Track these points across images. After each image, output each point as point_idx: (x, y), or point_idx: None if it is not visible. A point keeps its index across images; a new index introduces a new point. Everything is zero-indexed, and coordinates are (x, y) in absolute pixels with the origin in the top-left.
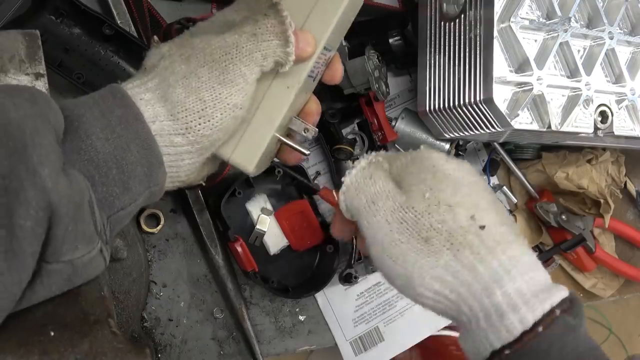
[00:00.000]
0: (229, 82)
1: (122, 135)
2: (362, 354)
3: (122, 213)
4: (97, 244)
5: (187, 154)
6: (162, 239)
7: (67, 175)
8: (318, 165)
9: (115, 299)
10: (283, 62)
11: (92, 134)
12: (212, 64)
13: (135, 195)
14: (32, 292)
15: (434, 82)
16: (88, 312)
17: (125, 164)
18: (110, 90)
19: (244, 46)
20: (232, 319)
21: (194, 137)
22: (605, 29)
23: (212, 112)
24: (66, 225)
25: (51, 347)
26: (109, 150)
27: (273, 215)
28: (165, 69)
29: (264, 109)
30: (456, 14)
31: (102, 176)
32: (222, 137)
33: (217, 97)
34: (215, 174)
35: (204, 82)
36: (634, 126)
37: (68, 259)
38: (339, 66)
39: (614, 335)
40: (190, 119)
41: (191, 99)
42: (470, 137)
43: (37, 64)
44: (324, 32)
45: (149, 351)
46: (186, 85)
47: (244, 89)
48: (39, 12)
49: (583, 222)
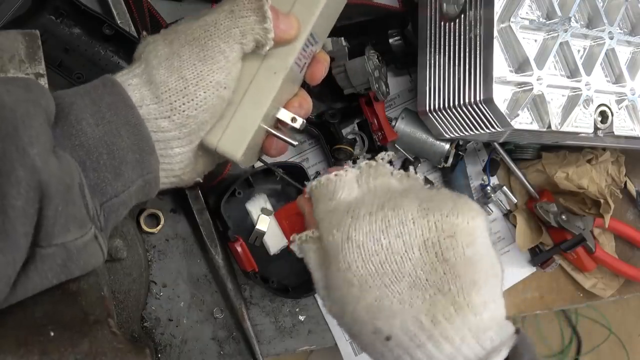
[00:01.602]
0: (210, 58)
1: (112, 121)
2: (362, 354)
3: (115, 201)
4: (89, 228)
5: (175, 140)
6: (162, 239)
7: (58, 157)
8: (318, 165)
9: (115, 299)
10: (262, 41)
11: (82, 119)
12: (192, 42)
13: (128, 182)
14: (27, 278)
15: (434, 82)
16: (88, 312)
17: (116, 149)
18: (102, 80)
19: (222, 23)
20: (232, 319)
21: (179, 118)
22: (605, 29)
23: (195, 89)
24: (56, 205)
25: (51, 347)
26: (99, 136)
27: (273, 215)
28: (149, 53)
29: (251, 94)
30: (456, 14)
31: (93, 161)
32: (208, 119)
33: (198, 75)
34: (215, 174)
35: (185, 60)
36: (634, 126)
37: (61, 242)
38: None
39: (614, 335)
40: (173, 98)
41: (173, 78)
42: (470, 137)
43: (37, 64)
44: (310, 16)
45: (149, 351)
46: (169, 66)
47: (226, 67)
48: (39, 12)
49: (583, 222)
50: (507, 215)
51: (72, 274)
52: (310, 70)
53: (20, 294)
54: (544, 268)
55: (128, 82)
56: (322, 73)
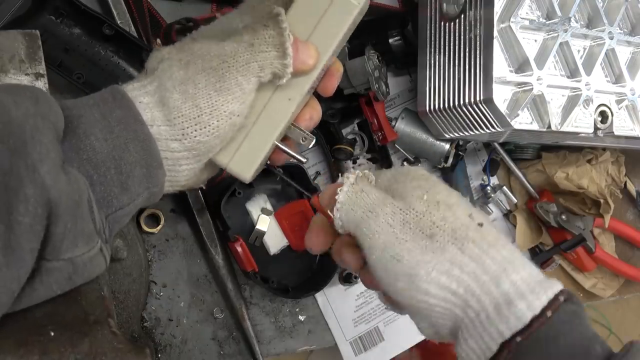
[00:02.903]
0: (226, 90)
1: (120, 135)
2: (362, 354)
3: (120, 213)
4: (96, 242)
5: (184, 159)
6: (162, 239)
7: (66, 174)
8: (318, 165)
9: (115, 299)
10: (280, 74)
11: (91, 134)
12: (210, 71)
13: (134, 196)
14: (32, 290)
15: (434, 82)
16: (88, 312)
17: (124, 164)
18: (111, 91)
19: (242, 56)
20: (232, 319)
21: (190, 143)
22: (605, 29)
23: (208, 119)
24: (65, 222)
25: (51, 347)
26: (107, 151)
27: (273, 215)
28: (164, 73)
29: (264, 119)
30: (456, 14)
31: (100, 176)
32: (219, 144)
33: (213, 105)
34: (215, 175)
35: (201, 89)
36: (634, 126)
37: (68, 257)
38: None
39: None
40: (186, 125)
41: (187, 105)
42: (470, 137)
43: (37, 64)
44: (329, 45)
45: (149, 351)
46: (183, 91)
47: (241, 97)
48: (39, 12)
49: (583, 222)
50: (507, 215)
51: (75, 284)
52: (324, 84)
53: (24, 303)
54: (544, 268)
55: (139, 99)
56: (334, 86)
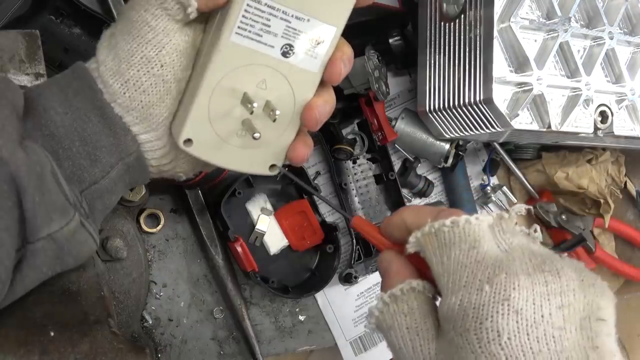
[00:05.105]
0: (136, 33)
1: (80, 107)
2: (362, 354)
3: (96, 187)
4: (73, 215)
5: (134, 126)
6: (162, 239)
7: (24, 148)
8: (318, 165)
9: (115, 299)
10: (184, 2)
11: (50, 107)
12: (122, 16)
13: (107, 167)
14: (23, 276)
15: (434, 82)
16: (88, 312)
17: (88, 135)
18: (72, 66)
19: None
20: (232, 319)
21: (123, 101)
22: (605, 29)
23: (126, 68)
24: (32, 195)
25: (51, 347)
26: (68, 123)
27: (273, 215)
28: (103, 35)
29: (195, 73)
30: (456, 14)
31: (65, 149)
32: (154, 102)
33: (128, 51)
34: (215, 174)
35: (117, 36)
36: (634, 126)
37: (47, 234)
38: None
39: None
40: (112, 80)
41: (110, 58)
42: (470, 137)
43: (37, 64)
44: None
45: (149, 351)
46: (107, 45)
47: (154, 40)
48: (39, 12)
49: (583, 222)
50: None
51: (67, 265)
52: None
53: (19, 291)
54: None
55: (91, 66)
56: (339, 72)
